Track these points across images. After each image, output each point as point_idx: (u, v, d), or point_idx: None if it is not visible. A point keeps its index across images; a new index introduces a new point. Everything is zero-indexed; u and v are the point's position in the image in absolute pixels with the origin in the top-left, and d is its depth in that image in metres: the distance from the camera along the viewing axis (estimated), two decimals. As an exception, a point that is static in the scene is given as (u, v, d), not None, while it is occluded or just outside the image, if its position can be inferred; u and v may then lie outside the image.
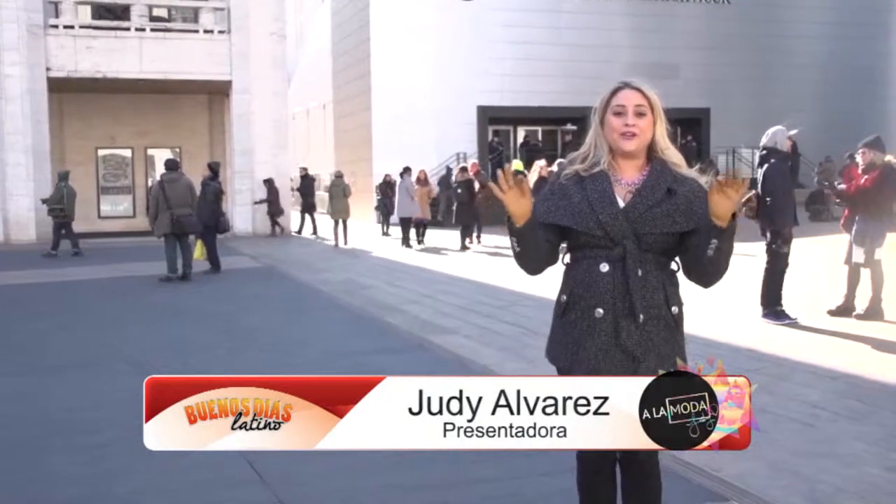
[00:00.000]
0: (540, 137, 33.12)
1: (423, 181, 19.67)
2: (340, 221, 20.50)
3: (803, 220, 20.55)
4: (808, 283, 10.80)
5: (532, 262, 2.92)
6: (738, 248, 11.69)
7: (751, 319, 8.81)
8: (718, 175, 2.83)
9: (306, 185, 23.56)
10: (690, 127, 32.01)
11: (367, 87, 29.97)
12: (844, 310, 8.88)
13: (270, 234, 23.49)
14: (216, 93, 25.91)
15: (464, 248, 18.56)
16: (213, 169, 15.28)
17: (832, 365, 6.83)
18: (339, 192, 20.76)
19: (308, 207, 23.83)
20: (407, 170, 21.19)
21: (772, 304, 8.67)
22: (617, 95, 2.90)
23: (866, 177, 8.77)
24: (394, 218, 21.96)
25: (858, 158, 9.09)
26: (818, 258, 13.11)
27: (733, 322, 8.80)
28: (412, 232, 19.88)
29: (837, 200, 9.39)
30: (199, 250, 14.36)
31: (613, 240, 2.83)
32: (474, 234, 19.65)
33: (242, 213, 24.18)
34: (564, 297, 2.94)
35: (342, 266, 15.79)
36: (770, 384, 6.25)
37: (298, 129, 43.79)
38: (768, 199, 8.52)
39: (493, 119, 30.73)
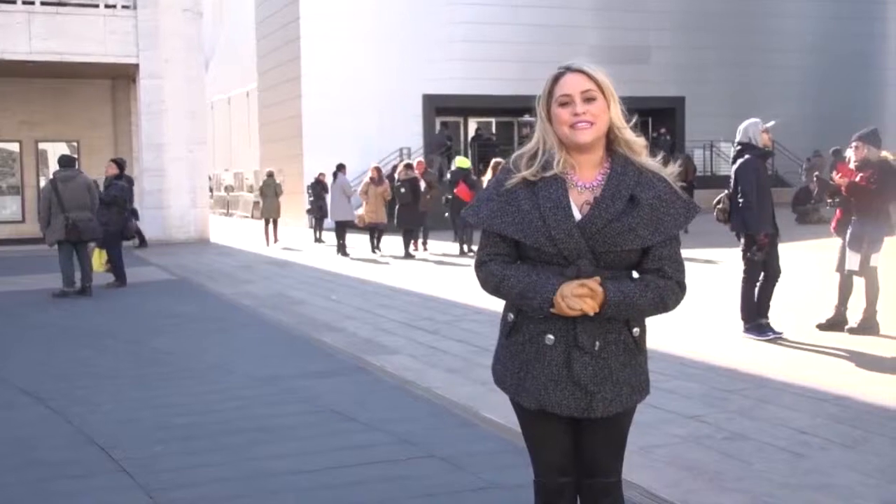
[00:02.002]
0: (494, 130, 33.29)
1: (377, 180, 19.65)
2: (271, 221, 23.08)
3: (789, 223, 21.02)
4: (795, 293, 10.98)
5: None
6: (713, 254, 11.83)
7: (731, 335, 8.93)
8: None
9: None
10: (663, 118, 32.39)
11: (297, 72, 29.86)
12: (835, 323, 9.02)
13: None
14: (121, 77, 25.57)
15: (407, 255, 18.57)
16: (121, 165, 15.09)
17: (822, 386, 6.93)
18: (271, 191, 23.44)
19: None
20: (341, 167, 21.22)
21: (753, 317, 8.80)
22: (559, 83, 2.87)
23: (861, 174, 8.91)
24: (328, 222, 21.94)
25: (851, 153, 9.23)
26: (806, 265, 13.34)
27: (711, 338, 8.91)
28: (371, 239, 19.91)
29: (830, 199, 9.49)
30: (97, 259, 14.15)
31: (567, 258, 2.81)
32: (419, 240, 19.69)
33: (152, 218, 23.89)
34: (511, 316, 2.96)
35: (268, 277, 15.69)
36: (752, 408, 6.34)
37: (218, 120, 43.48)
38: (740, 199, 8.64)
39: (440, 109, 30.82)
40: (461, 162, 19.68)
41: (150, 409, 6.82)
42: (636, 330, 2.92)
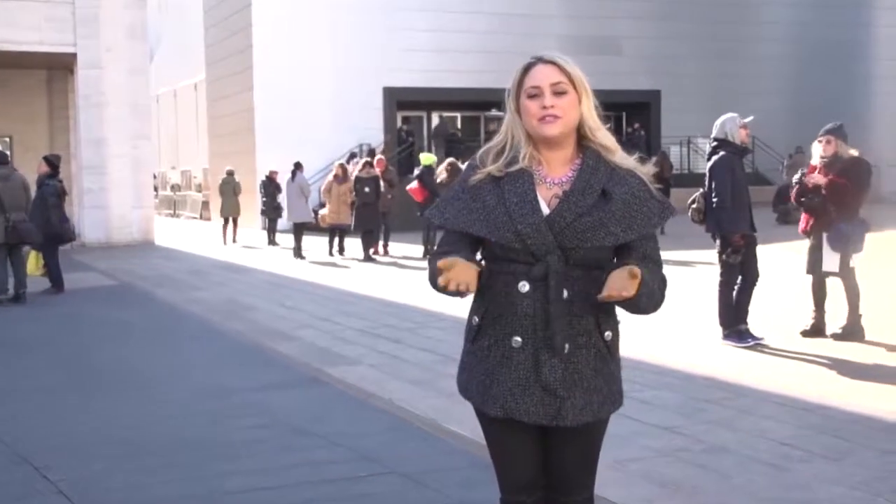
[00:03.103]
0: (459, 125, 33.31)
1: (340, 178, 19.63)
2: (230, 220, 24.22)
3: (770, 223, 21.19)
4: (776, 297, 11.08)
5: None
6: (690, 256, 11.88)
7: (710, 342, 8.99)
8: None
9: None
10: (637, 113, 32.56)
11: (249, 63, 29.75)
12: (819, 329, 9.10)
13: None
14: (57, 68, 25.33)
15: (367, 258, 18.56)
16: (53, 163, 14.90)
17: (805, 395, 7.00)
18: (230, 189, 24.39)
19: None
20: (299, 165, 21.25)
21: (732, 323, 8.86)
22: (529, 74, 2.89)
23: (834, 172, 8.94)
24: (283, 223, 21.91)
25: (817, 148, 9.23)
26: (787, 267, 13.46)
27: (689, 345, 8.97)
28: (336, 242, 19.87)
29: (803, 199, 9.35)
30: (33, 263, 14.00)
31: (535, 254, 2.83)
32: (380, 242, 19.67)
33: (92, 219, 23.69)
34: (476, 319, 2.97)
35: (219, 282, 15.62)
36: (732, 419, 6.39)
37: (164, 114, 43.23)
38: (714, 198, 8.71)
39: (402, 103, 30.81)
40: (427, 159, 19.68)
41: (92, 424, 6.76)
42: (608, 334, 2.94)
